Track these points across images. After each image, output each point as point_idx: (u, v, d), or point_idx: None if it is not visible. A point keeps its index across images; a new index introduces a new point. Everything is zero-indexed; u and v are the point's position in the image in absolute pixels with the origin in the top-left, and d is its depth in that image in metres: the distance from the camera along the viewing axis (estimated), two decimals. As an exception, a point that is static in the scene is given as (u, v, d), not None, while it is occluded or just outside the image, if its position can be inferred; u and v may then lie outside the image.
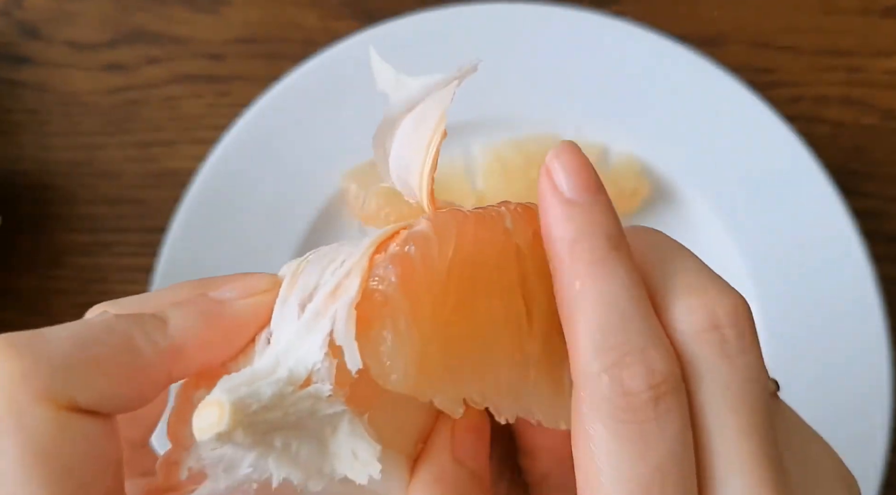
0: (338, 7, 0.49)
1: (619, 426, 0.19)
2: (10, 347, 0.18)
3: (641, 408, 0.19)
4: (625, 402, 0.19)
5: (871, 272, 0.43)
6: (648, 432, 0.19)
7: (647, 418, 0.19)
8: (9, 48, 0.48)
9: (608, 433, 0.19)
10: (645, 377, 0.19)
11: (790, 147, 0.45)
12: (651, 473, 0.19)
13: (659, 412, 0.19)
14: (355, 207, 0.44)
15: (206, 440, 0.17)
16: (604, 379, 0.19)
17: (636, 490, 0.19)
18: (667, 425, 0.19)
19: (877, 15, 0.49)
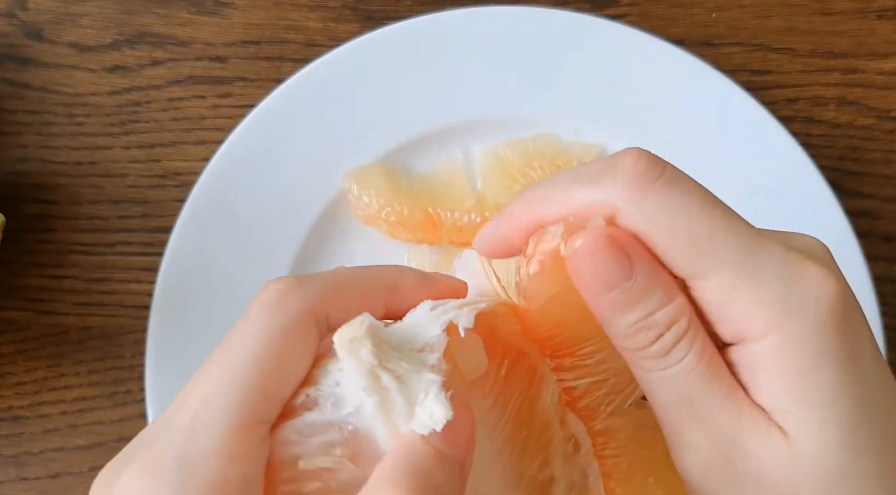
0: (339, 10, 0.50)
1: None
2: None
3: None
4: None
5: (867, 272, 0.43)
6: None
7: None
8: (13, 49, 0.49)
9: None
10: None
11: (787, 148, 0.45)
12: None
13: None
14: (357, 208, 0.45)
15: (342, 343, 0.21)
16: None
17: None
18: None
19: (872, 17, 0.50)
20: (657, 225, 0.23)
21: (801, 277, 0.23)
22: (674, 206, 0.23)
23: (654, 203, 0.23)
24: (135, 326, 0.46)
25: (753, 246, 0.23)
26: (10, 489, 0.44)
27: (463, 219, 0.44)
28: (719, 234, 0.23)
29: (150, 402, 0.42)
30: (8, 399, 0.45)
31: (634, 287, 0.23)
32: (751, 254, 0.23)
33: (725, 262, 0.23)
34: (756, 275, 0.23)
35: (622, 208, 0.23)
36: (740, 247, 0.23)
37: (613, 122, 0.46)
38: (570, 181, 0.24)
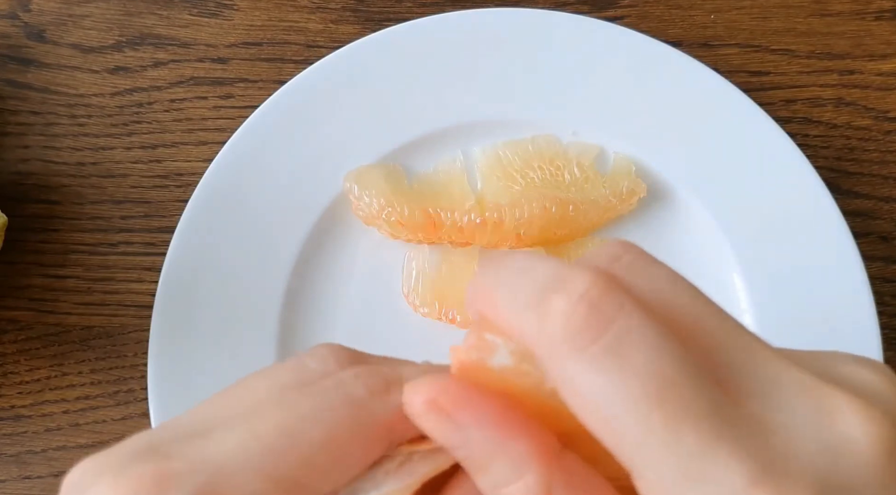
0: (340, 12, 0.50)
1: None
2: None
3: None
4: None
5: (863, 272, 0.44)
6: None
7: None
8: (16, 50, 0.49)
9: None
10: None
11: (784, 148, 0.45)
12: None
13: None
14: (357, 208, 0.45)
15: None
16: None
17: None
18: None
19: (870, 18, 0.50)
20: (575, 400, 0.18)
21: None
22: (597, 392, 0.18)
23: (578, 376, 0.18)
24: (137, 326, 0.46)
25: (698, 469, 0.17)
26: (12, 488, 0.44)
27: (463, 220, 0.44)
28: (648, 448, 0.18)
29: (153, 402, 0.42)
30: (10, 398, 0.45)
31: (471, 455, 0.20)
32: (689, 483, 0.17)
33: (652, 478, 0.18)
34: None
35: (545, 360, 0.19)
36: (674, 470, 0.17)
37: (612, 123, 0.46)
38: (503, 295, 0.20)
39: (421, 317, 0.45)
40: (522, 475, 0.19)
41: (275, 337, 0.44)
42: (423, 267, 0.45)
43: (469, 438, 0.19)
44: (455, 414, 0.20)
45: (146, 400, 0.43)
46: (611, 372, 0.18)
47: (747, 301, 0.45)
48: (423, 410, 0.20)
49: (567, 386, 0.18)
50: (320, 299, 0.45)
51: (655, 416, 0.17)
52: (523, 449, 0.19)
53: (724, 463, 0.17)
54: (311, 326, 0.45)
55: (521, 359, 0.20)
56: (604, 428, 0.18)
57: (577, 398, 0.18)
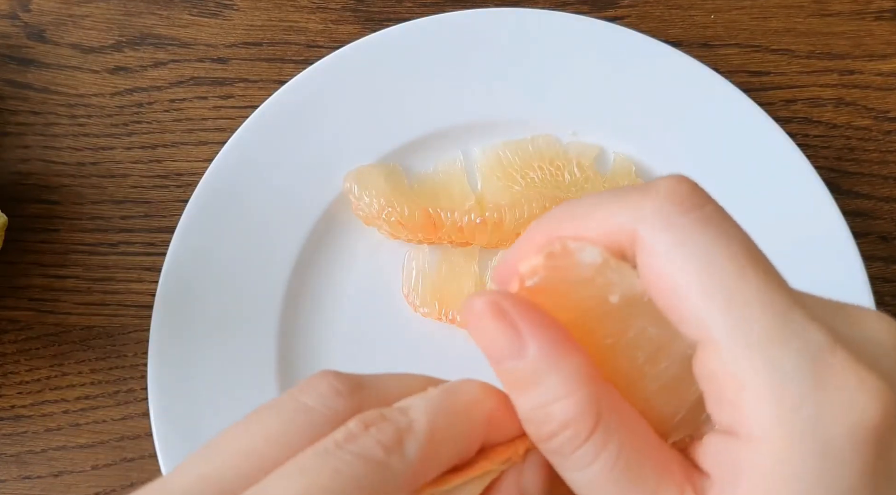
0: (340, 12, 0.50)
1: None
2: None
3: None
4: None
5: (863, 272, 0.44)
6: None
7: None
8: (16, 51, 0.49)
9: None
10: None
11: (784, 148, 0.45)
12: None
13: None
14: (357, 208, 0.45)
15: None
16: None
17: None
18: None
19: (870, 18, 0.50)
20: (675, 264, 0.19)
21: (837, 385, 0.18)
22: (701, 248, 0.19)
23: (680, 237, 0.19)
24: (137, 326, 0.46)
25: (787, 325, 0.18)
26: (12, 488, 0.44)
27: (463, 220, 0.44)
28: (744, 298, 0.19)
29: (153, 402, 0.42)
30: (10, 398, 0.45)
31: (524, 367, 0.20)
32: (779, 336, 0.18)
33: (740, 336, 0.18)
34: (775, 363, 0.18)
35: (643, 236, 0.19)
36: (768, 321, 0.18)
37: (612, 124, 0.46)
38: (597, 199, 0.21)
39: (421, 317, 0.45)
40: (575, 391, 0.19)
41: (275, 337, 0.44)
42: (423, 267, 0.45)
43: (526, 348, 0.19)
44: (519, 321, 0.20)
45: (146, 400, 0.43)
46: (714, 233, 0.19)
47: (747, 301, 0.44)
48: (485, 312, 0.20)
49: (664, 253, 0.19)
50: (320, 299, 0.45)
51: (751, 271, 0.19)
52: (577, 366, 0.19)
53: (807, 325, 0.18)
54: (311, 326, 0.45)
55: (604, 263, 0.20)
56: (697, 287, 0.19)
57: (675, 261, 0.19)
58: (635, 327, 0.21)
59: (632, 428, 0.20)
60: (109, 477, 0.44)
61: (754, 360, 0.18)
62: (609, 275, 0.20)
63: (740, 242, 0.19)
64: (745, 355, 0.18)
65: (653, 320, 0.20)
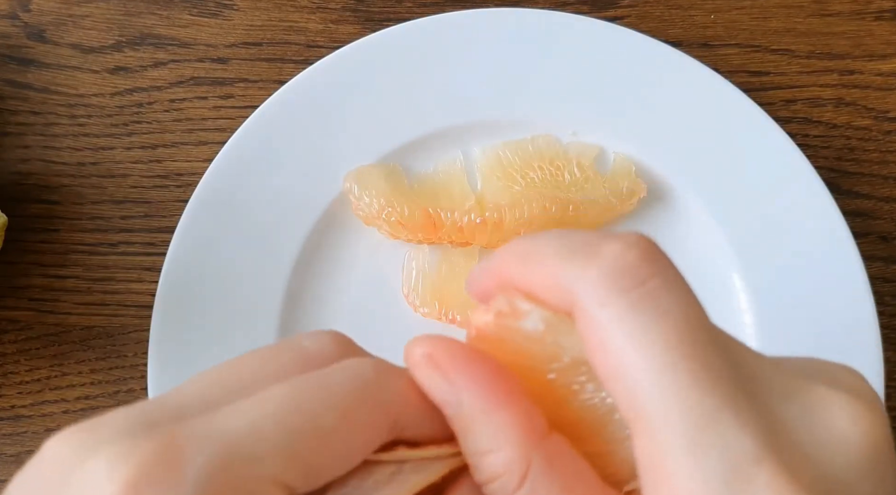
0: (340, 12, 0.50)
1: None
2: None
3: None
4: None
5: (863, 272, 0.44)
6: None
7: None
8: (16, 50, 0.49)
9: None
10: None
11: (784, 148, 0.45)
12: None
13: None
14: (357, 208, 0.45)
15: None
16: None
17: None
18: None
19: (870, 18, 0.50)
20: (610, 342, 0.19)
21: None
22: (635, 332, 0.18)
23: (616, 317, 0.19)
24: (137, 326, 0.46)
25: (712, 428, 0.18)
26: (12, 487, 0.44)
27: (463, 220, 0.44)
28: (671, 395, 0.18)
29: (153, 401, 0.42)
30: (10, 398, 0.45)
31: (460, 415, 0.20)
32: (701, 440, 0.18)
33: (663, 429, 0.18)
34: (697, 463, 0.18)
35: (582, 305, 0.19)
36: (691, 422, 0.18)
37: (612, 124, 0.46)
38: (549, 247, 0.20)
39: (421, 317, 0.45)
40: (503, 446, 0.19)
41: (275, 337, 0.44)
42: (423, 267, 0.45)
43: (460, 399, 0.20)
44: (449, 373, 0.20)
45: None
46: (649, 319, 0.18)
47: (747, 301, 0.45)
48: (420, 363, 0.20)
49: (599, 330, 0.19)
50: (320, 299, 0.45)
51: (682, 366, 0.18)
52: (509, 421, 0.20)
53: (739, 428, 0.18)
54: (311, 326, 0.45)
55: (549, 328, 0.21)
56: (626, 374, 0.19)
57: (608, 342, 0.19)
58: (587, 385, 0.21)
59: (568, 481, 0.20)
60: (109, 477, 0.44)
61: (675, 460, 0.18)
62: (558, 339, 0.21)
63: (679, 327, 0.18)
64: (667, 451, 0.18)
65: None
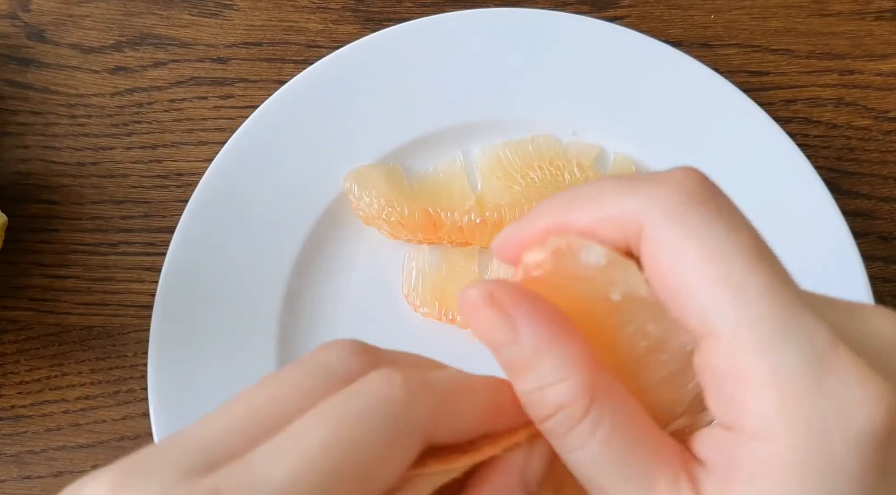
0: (340, 12, 0.50)
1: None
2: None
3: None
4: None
5: (863, 272, 0.44)
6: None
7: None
8: (16, 51, 0.49)
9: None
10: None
11: (784, 148, 0.45)
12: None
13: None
14: (357, 208, 0.45)
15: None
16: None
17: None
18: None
19: (870, 18, 0.50)
20: (683, 258, 0.19)
21: (839, 385, 0.18)
22: (710, 242, 0.19)
23: (688, 230, 0.19)
24: (137, 326, 0.46)
25: (793, 322, 0.18)
26: (12, 488, 0.44)
27: (463, 220, 0.44)
28: (753, 294, 0.18)
29: (153, 402, 0.42)
30: (10, 398, 0.45)
31: (520, 353, 0.20)
32: (784, 333, 0.18)
33: (746, 331, 0.18)
34: (779, 361, 0.18)
35: (650, 226, 0.19)
36: (773, 316, 0.18)
37: (612, 124, 0.46)
38: (607, 185, 0.21)
39: (421, 317, 0.45)
40: (569, 375, 0.20)
41: (275, 336, 0.44)
42: (423, 267, 0.45)
43: (520, 335, 0.20)
44: (512, 309, 0.20)
45: (146, 400, 0.43)
46: (726, 229, 0.19)
47: (747, 301, 0.44)
48: (479, 303, 0.20)
49: (672, 246, 0.19)
50: (320, 299, 0.45)
51: (762, 268, 0.19)
52: (573, 351, 0.20)
53: (812, 323, 0.18)
54: (310, 326, 0.45)
55: (609, 263, 0.20)
56: (702, 285, 0.19)
57: (682, 257, 0.19)
58: (636, 322, 0.21)
59: (627, 413, 0.20)
60: (109, 477, 0.44)
61: (758, 357, 0.18)
62: (612, 274, 0.21)
63: (749, 236, 0.19)
64: (749, 350, 0.18)
65: (653, 317, 0.21)
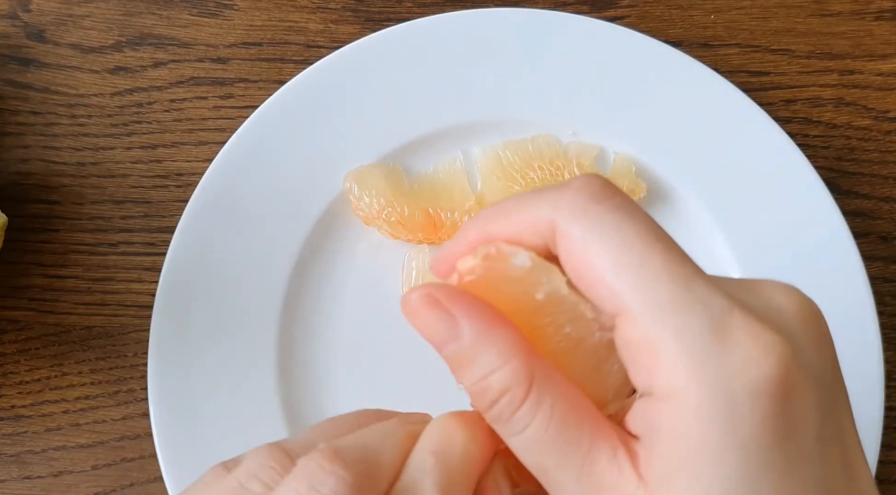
0: (340, 12, 0.50)
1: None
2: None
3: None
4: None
5: (863, 272, 0.44)
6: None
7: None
8: (16, 50, 0.49)
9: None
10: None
11: (784, 148, 0.45)
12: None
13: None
14: (357, 208, 0.45)
15: None
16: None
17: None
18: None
19: (870, 18, 0.50)
20: (590, 246, 0.21)
21: (736, 342, 0.20)
22: (611, 230, 0.21)
23: (592, 224, 0.21)
24: (137, 326, 0.46)
25: (689, 292, 0.20)
26: (12, 487, 0.45)
27: (463, 220, 0.45)
28: (651, 271, 0.21)
29: (153, 401, 0.42)
30: (10, 398, 0.45)
31: (462, 347, 0.22)
32: (683, 302, 0.20)
33: (648, 302, 0.21)
34: (681, 326, 0.20)
35: (561, 225, 0.22)
36: (672, 289, 0.20)
37: (611, 124, 0.46)
38: (523, 197, 0.23)
39: (421, 317, 0.45)
40: (508, 361, 0.21)
41: (274, 336, 0.44)
42: (423, 267, 0.45)
43: (460, 329, 0.22)
44: (449, 305, 0.22)
45: (146, 400, 0.43)
46: (622, 219, 0.21)
47: (747, 301, 0.44)
48: (420, 304, 0.22)
49: (579, 239, 0.22)
50: (320, 299, 0.45)
51: (658, 248, 0.21)
52: (509, 338, 0.22)
53: (709, 292, 0.21)
54: (310, 326, 0.45)
55: (534, 265, 0.23)
56: (608, 269, 0.21)
57: (588, 246, 0.21)
58: (561, 319, 0.23)
59: (566, 394, 0.22)
60: (109, 477, 0.45)
61: (664, 324, 0.20)
62: (537, 275, 0.23)
63: (646, 224, 0.22)
64: (654, 319, 0.20)
65: (575, 315, 0.23)
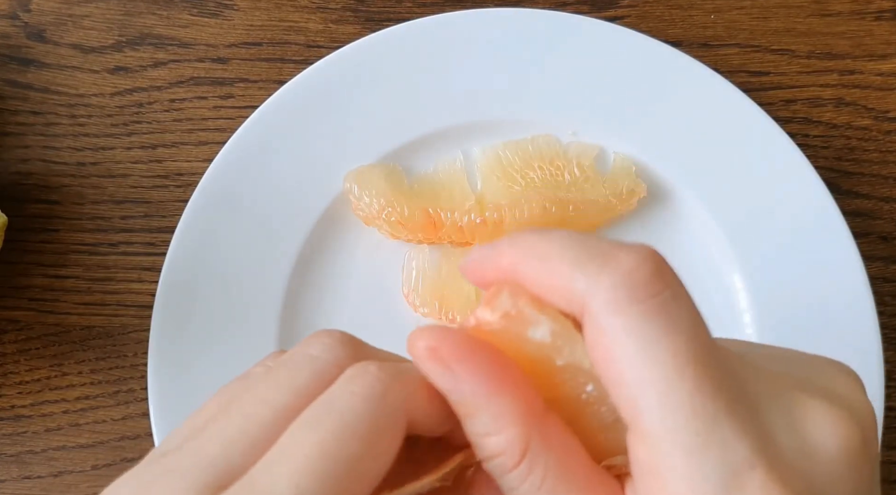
0: (340, 12, 0.50)
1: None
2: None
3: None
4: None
5: (863, 272, 0.44)
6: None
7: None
8: (16, 50, 0.49)
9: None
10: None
11: (784, 148, 0.45)
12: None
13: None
14: (358, 208, 0.45)
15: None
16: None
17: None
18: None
19: (870, 18, 0.50)
20: (617, 347, 0.20)
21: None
22: (644, 340, 0.19)
23: (627, 324, 0.19)
24: (137, 326, 0.46)
25: (713, 433, 0.19)
26: (12, 487, 0.45)
27: (463, 220, 0.44)
28: (676, 400, 0.19)
29: (153, 401, 0.42)
30: (10, 398, 0.45)
31: (463, 402, 0.21)
32: (702, 444, 0.19)
33: (667, 430, 0.19)
34: (694, 470, 0.19)
35: (593, 311, 0.20)
36: (695, 427, 0.19)
37: (612, 124, 0.46)
38: (565, 253, 0.21)
39: (421, 317, 0.45)
40: (503, 429, 0.21)
41: (275, 336, 0.44)
42: (423, 267, 0.45)
43: (461, 388, 0.21)
44: (451, 364, 0.21)
45: (146, 400, 0.43)
46: (659, 330, 0.19)
47: (747, 301, 0.45)
48: (423, 355, 0.22)
49: (608, 338, 0.20)
50: (320, 299, 0.45)
51: (688, 374, 0.19)
52: (508, 406, 0.21)
53: (736, 433, 0.19)
54: (311, 326, 0.45)
55: (555, 339, 0.21)
56: (632, 381, 0.19)
57: (616, 350, 0.20)
58: (578, 382, 0.22)
59: (563, 457, 0.21)
60: (109, 477, 0.44)
61: (675, 464, 0.19)
62: (558, 344, 0.22)
63: (687, 338, 0.20)
64: (668, 453, 0.19)
65: (594, 380, 0.22)
